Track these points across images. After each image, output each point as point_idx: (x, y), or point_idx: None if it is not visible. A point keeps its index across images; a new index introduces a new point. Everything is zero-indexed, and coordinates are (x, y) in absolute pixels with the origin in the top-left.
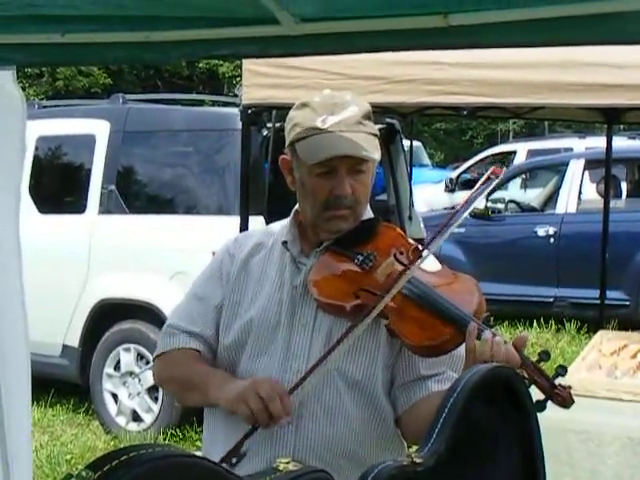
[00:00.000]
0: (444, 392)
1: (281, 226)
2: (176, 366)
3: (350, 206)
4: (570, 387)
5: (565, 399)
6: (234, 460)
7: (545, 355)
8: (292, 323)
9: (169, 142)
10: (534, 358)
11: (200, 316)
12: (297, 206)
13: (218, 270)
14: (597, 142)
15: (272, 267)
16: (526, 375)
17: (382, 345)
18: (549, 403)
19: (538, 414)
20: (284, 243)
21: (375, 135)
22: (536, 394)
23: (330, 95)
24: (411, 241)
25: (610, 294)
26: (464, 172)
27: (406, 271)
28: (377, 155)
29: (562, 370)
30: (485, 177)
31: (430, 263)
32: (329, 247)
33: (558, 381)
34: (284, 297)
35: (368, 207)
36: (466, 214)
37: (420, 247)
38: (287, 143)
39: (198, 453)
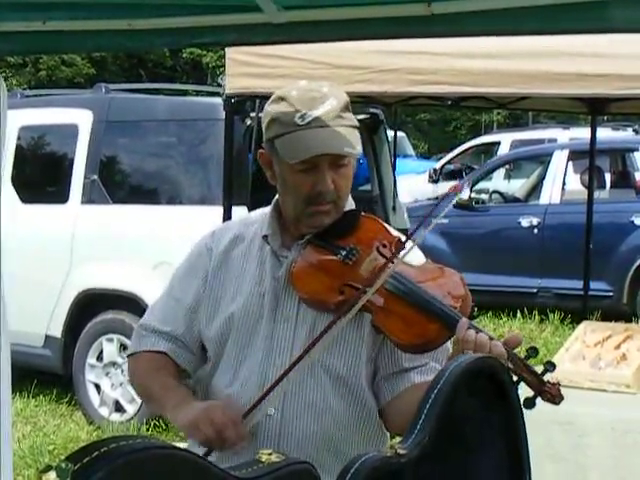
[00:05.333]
0: (427, 383)
1: (261, 215)
2: (141, 374)
3: (332, 201)
4: (559, 383)
5: (554, 395)
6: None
7: (533, 351)
8: (274, 316)
9: (152, 132)
10: (522, 354)
11: (172, 315)
12: (277, 197)
13: (195, 267)
14: (581, 133)
15: (252, 260)
16: (514, 371)
17: (365, 338)
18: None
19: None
20: (264, 237)
21: (355, 127)
22: (525, 391)
23: (307, 88)
24: (394, 232)
25: (594, 285)
26: (448, 163)
27: (388, 264)
28: (358, 148)
29: (550, 366)
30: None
31: (415, 256)
32: (311, 240)
33: (547, 377)
34: (266, 290)
35: (350, 198)
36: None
37: (403, 239)
38: (265, 139)
39: (181, 444)
